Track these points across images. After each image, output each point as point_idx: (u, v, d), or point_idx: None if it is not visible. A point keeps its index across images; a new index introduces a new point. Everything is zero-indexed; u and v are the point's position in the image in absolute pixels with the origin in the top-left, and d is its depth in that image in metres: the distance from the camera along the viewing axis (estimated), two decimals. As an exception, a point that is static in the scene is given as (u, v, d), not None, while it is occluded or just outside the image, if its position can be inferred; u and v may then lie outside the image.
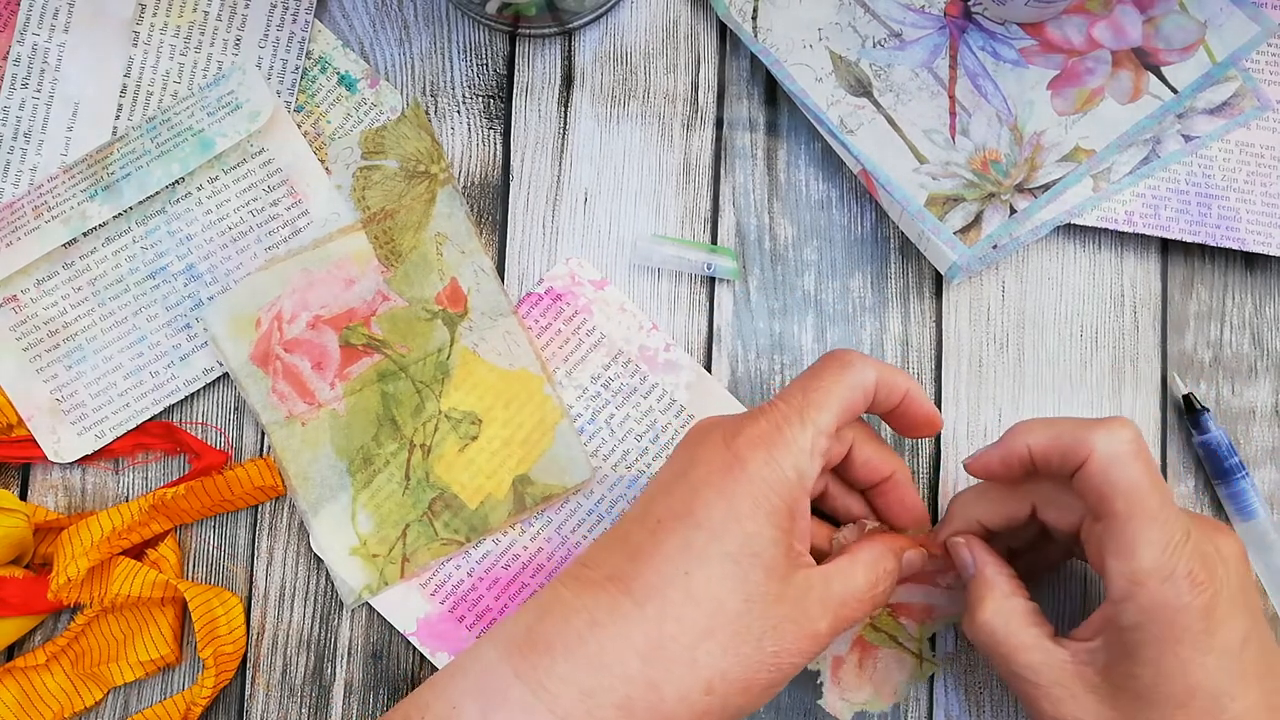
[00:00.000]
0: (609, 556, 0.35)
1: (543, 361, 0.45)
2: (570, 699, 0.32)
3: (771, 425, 0.35)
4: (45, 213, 0.45)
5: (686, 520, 0.34)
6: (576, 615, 0.33)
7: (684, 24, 0.48)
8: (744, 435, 0.35)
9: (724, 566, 0.33)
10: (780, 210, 0.47)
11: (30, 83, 0.46)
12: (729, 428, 0.36)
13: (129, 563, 0.43)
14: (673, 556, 0.33)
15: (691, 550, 0.33)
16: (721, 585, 0.33)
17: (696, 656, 0.32)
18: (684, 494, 0.34)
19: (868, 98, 0.46)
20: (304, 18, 0.47)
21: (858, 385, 0.36)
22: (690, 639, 0.32)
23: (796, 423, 0.35)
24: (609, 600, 0.33)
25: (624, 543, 0.35)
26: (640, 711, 0.32)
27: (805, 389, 0.36)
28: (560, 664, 0.32)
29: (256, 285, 0.45)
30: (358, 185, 0.46)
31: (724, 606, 0.33)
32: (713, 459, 0.35)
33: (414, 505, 0.44)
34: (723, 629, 0.33)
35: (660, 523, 0.34)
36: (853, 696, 0.43)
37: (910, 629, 0.44)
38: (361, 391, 0.45)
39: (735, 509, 0.33)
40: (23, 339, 0.45)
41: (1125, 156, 0.46)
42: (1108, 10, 0.46)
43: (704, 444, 0.35)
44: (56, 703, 0.43)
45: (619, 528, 0.36)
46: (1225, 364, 0.47)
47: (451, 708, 0.32)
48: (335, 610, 0.45)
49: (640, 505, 0.36)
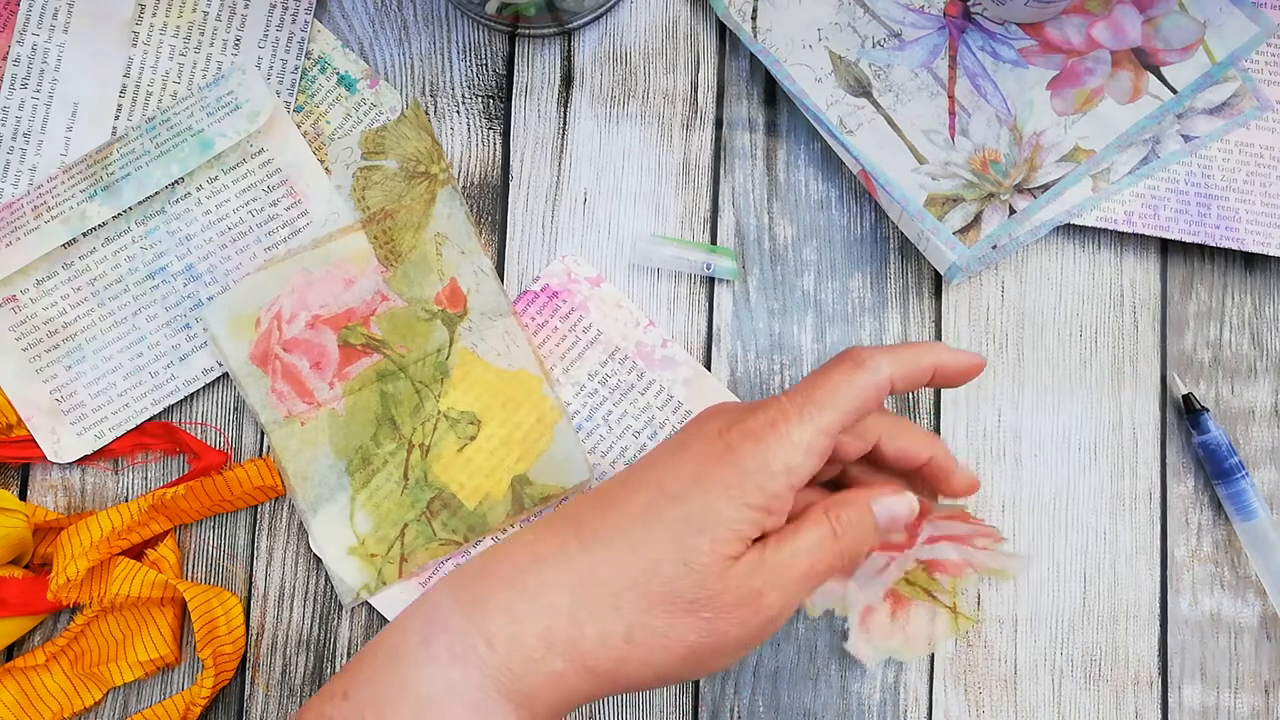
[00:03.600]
0: (580, 505, 0.36)
1: (541, 362, 0.45)
2: (499, 622, 0.33)
3: (769, 420, 0.35)
4: (45, 213, 0.45)
5: (657, 485, 0.35)
6: (523, 550, 0.35)
7: (683, 24, 0.48)
8: (739, 427, 0.35)
9: (670, 529, 0.34)
10: (780, 210, 0.47)
11: (30, 83, 0.46)
12: (730, 417, 0.36)
13: (128, 563, 0.43)
14: (630, 511, 0.34)
15: (649, 510, 0.34)
16: (662, 546, 0.34)
17: (620, 603, 0.33)
18: (667, 465, 0.35)
19: (867, 98, 0.46)
20: (303, 18, 0.47)
21: (869, 385, 0.36)
22: (619, 585, 0.33)
23: (795, 419, 0.35)
24: (558, 540, 0.35)
25: (600, 495, 0.36)
26: (560, 643, 0.33)
27: (812, 386, 0.36)
28: (497, 592, 0.34)
29: (256, 285, 0.45)
30: (357, 185, 0.46)
31: (660, 565, 0.33)
32: (706, 446, 0.35)
33: (413, 505, 0.44)
34: (653, 585, 0.33)
35: (636, 483, 0.35)
36: (882, 644, 0.43)
37: (945, 583, 0.44)
38: (360, 391, 0.45)
39: (705, 484, 0.34)
40: (22, 339, 0.45)
41: (1125, 156, 0.46)
42: (1107, 10, 0.46)
43: (702, 430, 0.36)
44: (56, 703, 0.43)
45: (603, 484, 0.37)
46: (1225, 364, 0.47)
47: (399, 639, 0.34)
48: (335, 610, 0.45)
49: (629, 469, 0.37)
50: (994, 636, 0.45)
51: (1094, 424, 0.46)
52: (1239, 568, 0.46)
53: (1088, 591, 0.45)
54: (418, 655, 0.33)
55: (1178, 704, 0.45)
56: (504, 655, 0.33)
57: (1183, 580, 0.46)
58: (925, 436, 0.40)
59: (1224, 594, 0.46)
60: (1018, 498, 0.46)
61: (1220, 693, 0.45)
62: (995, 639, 0.45)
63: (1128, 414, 0.46)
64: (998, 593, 0.45)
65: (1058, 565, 0.46)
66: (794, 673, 0.45)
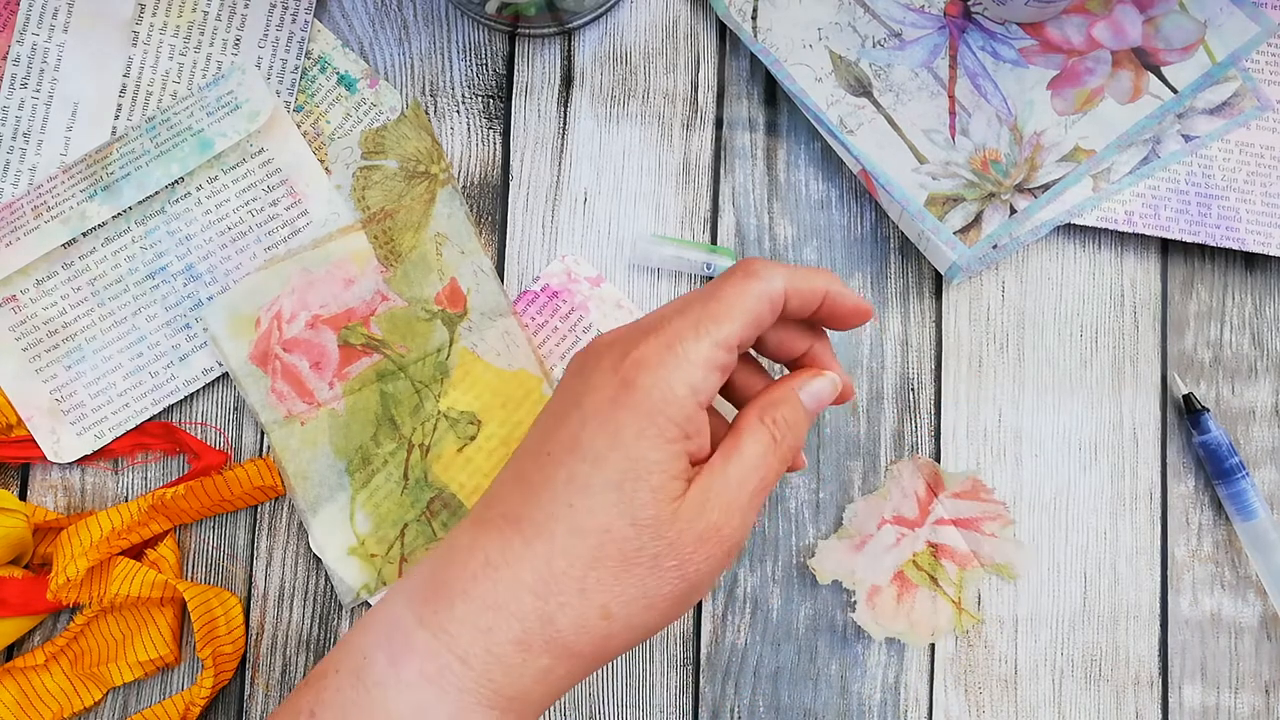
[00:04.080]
0: (506, 494, 0.34)
1: (541, 362, 0.45)
2: (469, 638, 0.32)
3: (663, 343, 0.33)
4: (45, 213, 0.45)
5: (574, 453, 0.33)
6: (472, 557, 0.33)
7: (684, 24, 0.48)
8: (633, 357, 0.33)
9: (606, 495, 0.33)
10: (780, 210, 0.47)
11: (30, 83, 0.46)
12: (620, 348, 0.34)
13: (128, 563, 0.43)
14: (558, 491, 0.33)
15: (575, 482, 0.33)
16: (605, 513, 0.33)
17: (586, 586, 0.33)
18: (574, 425, 0.34)
19: (868, 98, 0.46)
20: (303, 18, 0.47)
21: (763, 295, 0.35)
22: (578, 570, 0.33)
23: (691, 337, 0.33)
24: (500, 539, 0.33)
25: (518, 479, 0.35)
26: (537, 645, 0.32)
27: (705, 299, 0.34)
28: (459, 606, 0.33)
29: (256, 285, 0.45)
30: (357, 185, 0.46)
31: (610, 533, 0.33)
32: (603, 385, 0.34)
33: (412, 505, 0.44)
34: (611, 556, 0.33)
35: (550, 455, 0.34)
36: (887, 624, 0.44)
37: (951, 573, 0.44)
38: (360, 391, 0.45)
39: (620, 436, 0.33)
40: (22, 339, 0.45)
41: (1125, 156, 0.46)
42: (1108, 10, 0.46)
43: (596, 369, 0.34)
44: (56, 703, 0.43)
45: (517, 461, 0.35)
46: (1225, 364, 0.47)
47: (362, 658, 0.33)
48: (334, 610, 0.45)
49: (536, 436, 0.35)
50: (994, 636, 0.45)
51: (1094, 424, 0.46)
52: (1239, 568, 0.46)
53: (1088, 591, 0.45)
54: (386, 677, 0.32)
55: (1178, 704, 0.45)
56: (481, 669, 0.32)
57: (1183, 580, 0.46)
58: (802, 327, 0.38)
59: (1224, 594, 0.46)
60: (1018, 498, 0.46)
61: (1221, 693, 0.45)
62: (995, 639, 0.45)
63: (1128, 414, 0.46)
64: (998, 593, 0.45)
65: (1058, 565, 0.46)
66: (794, 673, 0.45)
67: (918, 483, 0.45)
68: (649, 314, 0.36)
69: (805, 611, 0.45)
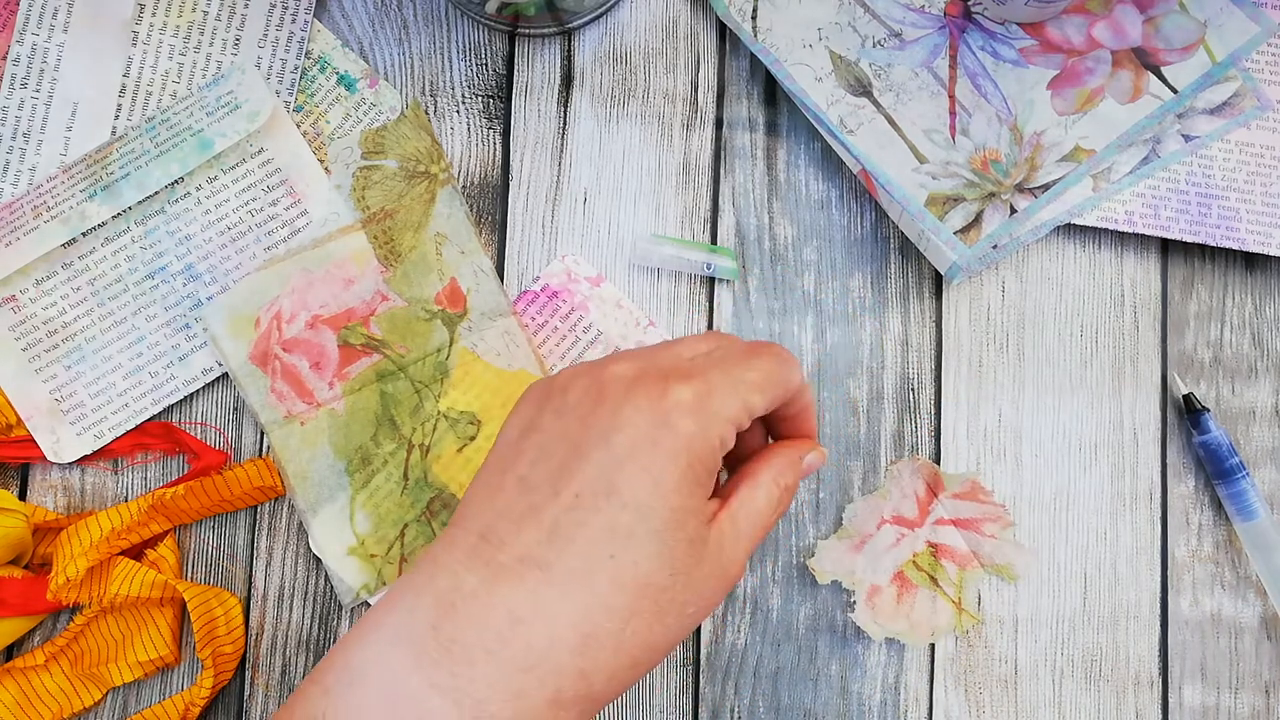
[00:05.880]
0: (518, 532, 0.32)
1: (541, 362, 0.45)
2: (498, 703, 0.30)
3: (703, 391, 0.33)
4: (44, 213, 0.45)
5: (612, 499, 0.32)
6: (493, 612, 0.31)
7: (684, 24, 0.48)
8: (674, 398, 0.33)
9: (649, 546, 0.32)
10: (780, 210, 0.47)
11: (30, 83, 0.46)
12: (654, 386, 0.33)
13: (128, 563, 0.43)
14: (598, 539, 0.31)
15: (618, 532, 0.31)
16: (648, 565, 0.31)
17: (624, 639, 0.31)
18: (607, 464, 0.32)
19: (868, 97, 0.46)
20: (303, 18, 0.47)
21: (792, 386, 0.36)
22: (618, 624, 0.31)
23: (729, 395, 0.33)
24: (528, 591, 0.31)
25: (536, 517, 0.32)
26: (570, 700, 0.31)
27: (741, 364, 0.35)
28: (484, 669, 0.30)
29: (255, 285, 0.45)
30: (357, 185, 0.46)
31: (650, 584, 0.32)
32: (640, 423, 0.32)
33: (412, 505, 0.44)
34: (649, 606, 0.32)
35: (579, 498, 0.32)
36: (886, 624, 0.44)
37: (951, 573, 0.44)
38: (360, 391, 0.45)
39: (662, 484, 0.32)
40: (22, 339, 0.45)
41: (1125, 156, 0.46)
42: (1108, 10, 0.46)
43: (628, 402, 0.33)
44: (55, 703, 0.43)
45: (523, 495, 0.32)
46: (1225, 364, 0.47)
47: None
48: (334, 610, 0.45)
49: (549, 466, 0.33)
50: (994, 636, 0.45)
51: (1094, 424, 0.46)
52: (1239, 568, 0.46)
53: (1088, 592, 0.45)
54: None
55: (1178, 704, 0.45)
56: None
57: (1183, 580, 0.46)
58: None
59: (1224, 594, 0.46)
60: (1018, 498, 0.46)
61: (1221, 693, 0.45)
62: (995, 639, 0.45)
63: (1128, 414, 0.46)
64: (998, 593, 0.45)
65: (1058, 565, 0.46)
66: (794, 673, 0.45)
67: (917, 483, 0.45)
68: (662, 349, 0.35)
69: (805, 611, 0.45)
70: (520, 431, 0.34)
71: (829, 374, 0.46)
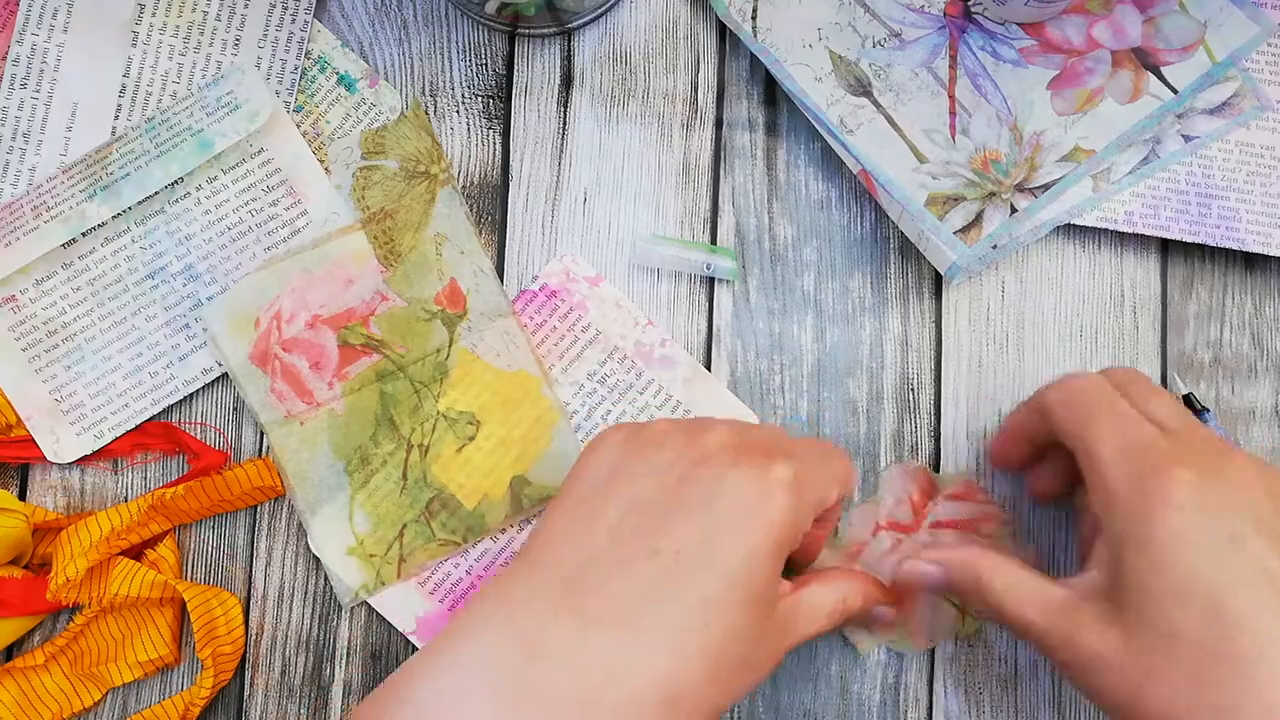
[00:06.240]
0: (608, 583, 0.32)
1: (540, 362, 0.45)
2: None
3: (802, 474, 0.35)
4: (44, 213, 0.45)
5: (709, 567, 0.32)
6: (584, 665, 0.31)
7: (684, 24, 0.48)
8: (776, 475, 0.34)
9: (737, 617, 0.32)
10: (780, 210, 0.47)
11: (29, 83, 0.46)
12: (759, 459, 0.34)
13: (128, 563, 0.43)
14: (694, 606, 0.32)
15: (711, 601, 0.32)
16: (734, 636, 0.32)
17: (699, 701, 0.32)
18: (709, 529, 0.33)
19: (868, 97, 0.46)
20: (303, 18, 0.47)
21: (846, 492, 0.38)
22: (696, 689, 0.32)
23: (820, 481, 0.36)
24: (619, 647, 0.31)
25: (628, 570, 0.32)
26: None
27: (827, 461, 0.37)
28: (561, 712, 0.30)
29: (255, 285, 0.45)
30: (357, 185, 0.46)
31: (730, 652, 0.32)
32: (744, 494, 0.33)
33: (411, 505, 0.44)
34: (724, 673, 0.33)
35: (679, 556, 0.32)
36: (880, 633, 0.44)
37: None
38: (360, 391, 0.45)
39: (756, 556, 0.33)
40: (22, 339, 0.45)
41: (1125, 156, 0.46)
42: (1108, 10, 0.46)
43: (735, 470, 0.34)
44: (55, 703, 0.43)
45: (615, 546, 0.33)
46: (1225, 364, 0.47)
47: None
48: (334, 610, 0.45)
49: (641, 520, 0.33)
50: (994, 636, 0.45)
51: (1094, 424, 0.46)
52: (1239, 568, 0.46)
53: (1088, 592, 0.45)
54: None
55: (1178, 705, 0.45)
56: None
57: (1183, 581, 0.46)
58: None
59: (1224, 594, 0.45)
60: (1018, 497, 0.46)
61: (1221, 693, 0.45)
62: (995, 639, 0.45)
63: (1128, 414, 0.46)
64: (998, 593, 0.45)
65: (1058, 565, 0.45)
66: (794, 673, 0.45)
67: (910, 486, 0.45)
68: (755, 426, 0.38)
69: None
70: (608, 476, 0.35)
71: (829, 374, 0.46)
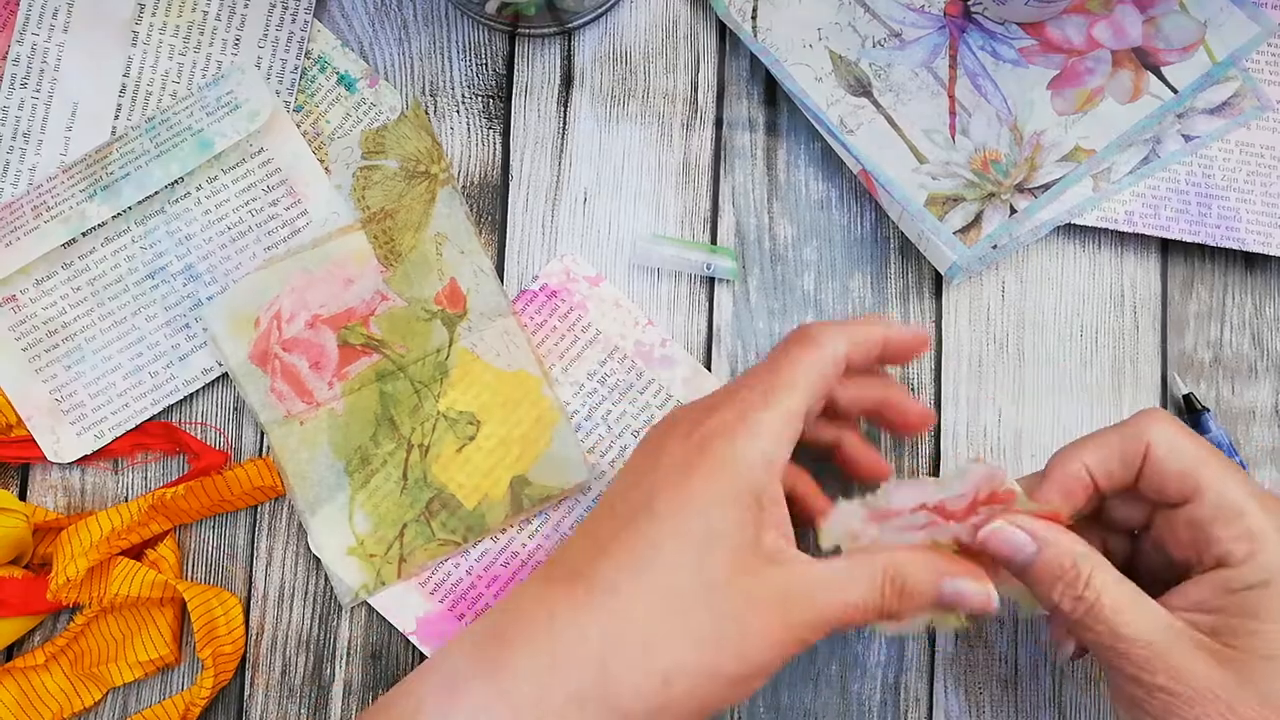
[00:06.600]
0: (575, 553, 0.35)
1: (540, 361, 0.45)
2: (524, 689, 0.32)
3: (736, 413, 0.34)
4: (44, 213, 0.45)
5: (646, 513, 0.34)
6: (537, 612, 0.34)
7: (684, 24, 0.48)
8: (707, 426, 0.34)
9: (681, 555, 0.33)
10: (780, 210, 0.47)
11: (30, 83, 0.46)
12: (694, 418, 0.35)
13: (128, 563, 0.43)
14: (633, 548, 0.33)
15: (649, 540, 0.33)
16: (679, 573, 0.33)
17: (652, 645, 0.32)
18: (646, 488, 0.34)
19: (868, 97, 0.46)
20: (303, 17, 0.47)
21: (827, 361, 0.36)
22: (644, 628, 0.32)
23: (760, 407, 0.34)
24: (567, 595, 0.33)
25: (588, 539, 0.35)
26: (593, 703, 0.32)
27: (772, 370, 0.36)
28: (518, 657, 0.33)
29: (255, 285, 0.45)
30: (357, 185, 0.46)
31: (680, 593, 0.32)
32: (676, 452, 0.35)
33: (411, 505, 0.44)
34: (678, 615, 0.32)
35: (620, 517, 0.34)
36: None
37: None
38: (360, 391, 0.45)
39: (693, 501, 0.33)
40: (22, 339, 0.45)
41: (1125, 156, 0.46)
42: (1108, 10, 0.46)
43: (670, 436, 0.35)
44: (55, 703, 0.43)
45: (586, 524, 0.36)
46: (1225, 364, 0.47)
47: (417, 702, 0.33)
48: (334, 610, 0.45)
49: (606, 500, 0.36)
50: (994, 636, 0.45)
51: (1095, 424, 0.46)
52: (1239, 568, 0.46)
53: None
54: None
55: (1178, 704, 0.45)
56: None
57: (1183, 580, 0.46)
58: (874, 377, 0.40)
59: (1224, 594, 0.45)
60: (1018, 498, 0.46)
61: (1221, 693, 0.45)
62: (995, 639, 0.45)
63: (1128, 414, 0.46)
64: (998, 593, 0.45)
65: (1058, 565, 0.45)
66: (794, 673, 0.45)
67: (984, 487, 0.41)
68: (719, 389, 0.37)
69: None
70: None
71: (829, 374, 0.46)
